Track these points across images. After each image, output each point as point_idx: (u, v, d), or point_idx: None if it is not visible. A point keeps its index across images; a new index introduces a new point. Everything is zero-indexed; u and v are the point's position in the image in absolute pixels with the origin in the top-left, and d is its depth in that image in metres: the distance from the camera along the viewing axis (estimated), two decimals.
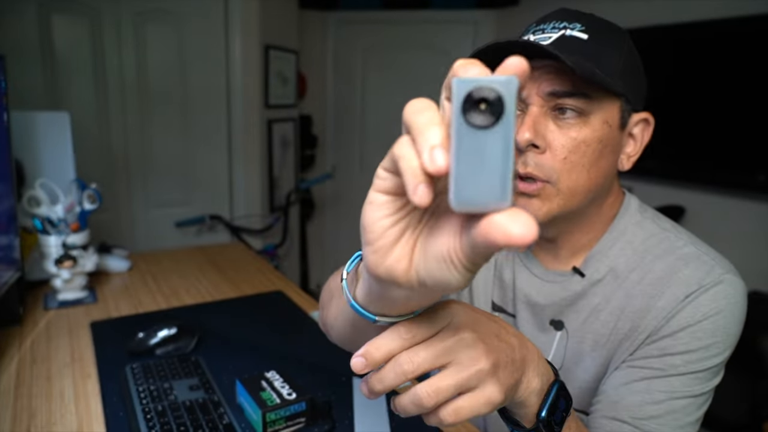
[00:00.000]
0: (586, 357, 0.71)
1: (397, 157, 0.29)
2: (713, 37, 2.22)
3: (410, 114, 0.30)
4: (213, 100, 2.63)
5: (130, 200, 2.50)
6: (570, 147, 0.63)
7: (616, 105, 0.64)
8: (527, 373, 0.46)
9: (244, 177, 2.76)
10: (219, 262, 1.56)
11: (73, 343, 1.04)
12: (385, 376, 0.40)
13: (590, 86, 0.62)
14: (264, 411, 0.74)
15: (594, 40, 0.62)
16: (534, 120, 0.63)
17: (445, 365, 0.40)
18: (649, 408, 0.63)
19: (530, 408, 0.47)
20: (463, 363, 0.40)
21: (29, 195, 1.17)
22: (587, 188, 0.65)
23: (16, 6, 2.07)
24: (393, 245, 0.32)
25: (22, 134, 1.29)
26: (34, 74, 2.15)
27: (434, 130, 0.28)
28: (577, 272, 0.72)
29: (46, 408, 0.83)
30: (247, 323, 1.15)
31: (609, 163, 0.67)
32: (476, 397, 0.40)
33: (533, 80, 0.63)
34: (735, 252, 2.41)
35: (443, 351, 0.40)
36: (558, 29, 0.63)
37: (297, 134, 3.21)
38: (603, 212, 0.72)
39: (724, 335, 0.63)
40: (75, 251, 1.20)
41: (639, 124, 0.69)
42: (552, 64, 0.62)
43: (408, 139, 0.29)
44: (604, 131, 0.64)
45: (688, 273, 0.65)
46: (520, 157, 0.64)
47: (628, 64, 0.65)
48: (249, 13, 2.61)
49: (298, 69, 3.13)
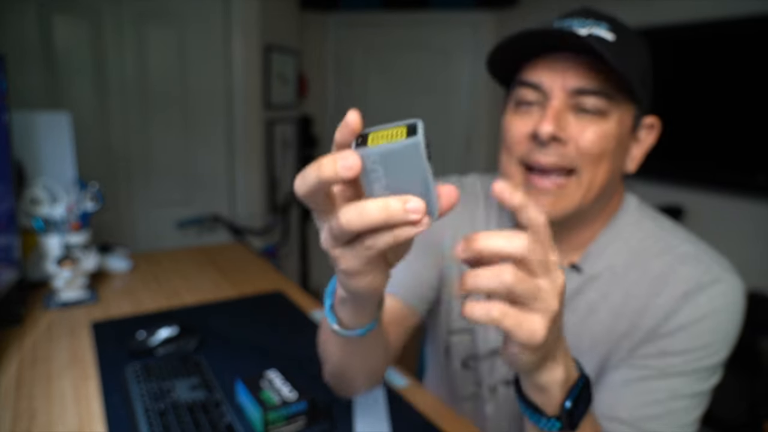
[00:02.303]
0: (584, 355, 0.71)
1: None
2: (713, 37, 2.22)
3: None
4: (214, 101, 2.64)
5: (131, 200, 2.50)
6: (593, 139, 0.62)
7: (631, 108, 0.65)
8: (555, 358, 0.46)
9: (244, 177, 2.77)
10: (219, 262, 1.57)
11: (74, 344, 1.04)
12: (483, 274, 0.39)
13: (614, 87, 0.61)
14: (264, 411, 0.74)
15: (621, 42, 0.62)
16: (556, 113, 0.62)
17: (530, 299, 0.40)
18: (649, 408, 0.62)
19: (552, 397, 0.48)
20: (546, 288, 0.40)
21: (29, 195, 1.18)
22: (602, 183, 0.65)
23: (16, 6, 2.07)
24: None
25: (23, 134, 1.29)
26: (35, 74, 2.15)
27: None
28: (575, 268, 0.72)
29: (47, 408, 0.83)
30: (247, 323, 1.15)
31: (620, 163, 0.68)
32: (526, 317, 0.40)
33: (558, 72, 0.62)
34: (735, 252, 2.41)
35: (536, 287, 0.40)
36: (585, 26, 0.62)
37: (297, 135, 3.21)
38: (605, 211, 0.72)
39: (723, 334, 0.63)
40: (76, 251, 1.20)
41: (645, 128, 0.69)
42: (581, 60, 0.61)
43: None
44: (620, 131, 0.64)
45: (687, 272, 0.65)
46: (542, 149, 0.63)
47: (648, 71, 0.65)
48: (250, 14, 2.61)
49: (299, 70, 3.13)
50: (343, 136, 0.37)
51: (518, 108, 0.67)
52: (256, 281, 1.42)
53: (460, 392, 0.87)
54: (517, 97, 0.67)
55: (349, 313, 0.53)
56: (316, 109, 3.52)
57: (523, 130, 0.65)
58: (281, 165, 3.01)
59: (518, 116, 0.67)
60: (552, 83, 0.63)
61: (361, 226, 0.37)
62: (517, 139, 0.66)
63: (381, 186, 0.37)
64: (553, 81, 0.62)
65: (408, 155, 0.36)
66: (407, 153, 0.36)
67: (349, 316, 0.53)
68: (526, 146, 0.65)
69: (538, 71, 0.64)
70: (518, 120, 0.66)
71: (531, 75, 0.64)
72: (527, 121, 0.65)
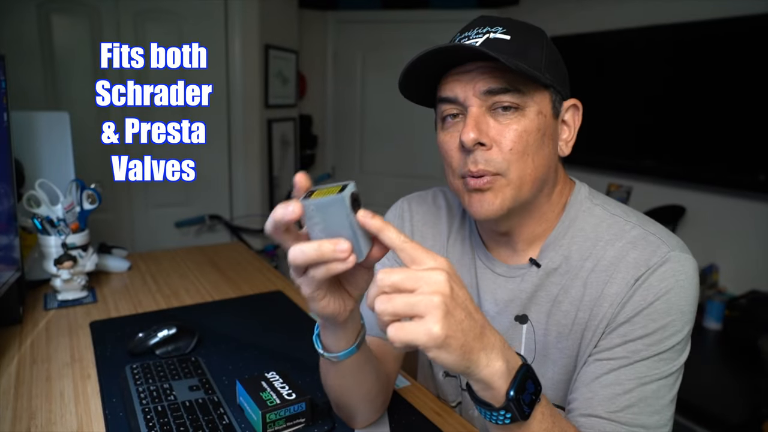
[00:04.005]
0: (552, 349, 0.72)
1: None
2: (713, 37, 2.22)
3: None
4: (213, 100, 2.62)
5: (130, 200, 2.50)
6: (513, 138, 0.66)
7: (546, 96, 0.68)
8: (489, 353, 0.50)
9: (244, 177, 2.76)
10: (219, 262, 1.56)
11: (73, 343, 1.04)
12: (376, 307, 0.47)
13: (522, 81, 0.65)
14: (264, 411, 0.74)
15: (516, 39, 0.66)
16: (476, 120, 0.66)
17: (410, 290, 0.47)
18: (621, 399, 0.63)
19: (498, 390, 0.51)
20: (424, 291, 0.46)
21: (29, 195, 1.17)
22: (534, 176, 0.68)
23: (16, 6, 2.07)
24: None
25: (22, 134, 1.29)
26: (34, 74, 2.15)
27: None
28: (534, 263, 0.74)
29: (46, 408, 0.83)
30: (247, 323, 1.15)
31: (550, 151, 0.70)
32: (419, 325, 0.46)
33: (467, 82, 0.67)
34: (736, 252, 2.42)
35: (414, 276, 0.47)
36: (482, 34, 0.67)
37: (297, 134, 3.21)
38: (553, 201, 0.74)
39: (678, 313, 0.64)
40: (75, 251, 1.19)
41: (569, 110, 0.72)
42: (484, 65, 0.65)
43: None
44: (540, 121, 0.67)
45: (636, 256, 0.67)
46: (469, 156, 0.67)
47: (551, 58, 0.69)
48: (249, 12, 2.61)
49: (298, 69, 3.13)
50: (295, 192, 0.52)
51: (444, 124, 0.71)
52: (255, 281, 1.42)
53: (447, 399, 0.89)
54: (441, 113, 0.72)
55: (330, 338, 0.65)
56: (316, 108, 3.52)
57: (452, 143, 0.70)
58: (280, 164, 3.01)
59: (447, 132, 0.71)
60: (465, 93, 0.67)
61: (303, 261, 0.50)
62: (450, 154, 0.70)
63: (319, 229, 0.50)
64: (466, 91, 0.67)
65: (336, 207, 0.48)
66: (336, 205, 0.48)
67: (330, 340, 0.65)
68: (459, 158, 0.69)
69: (451, 85, 0.68)
70: (447, 135, 0.71)
71: (447, 90, 0.69)
72: (454, 134, 0.69)
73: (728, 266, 2.25)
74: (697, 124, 2.32)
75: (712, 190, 2.31)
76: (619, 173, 2.68)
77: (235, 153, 2.74)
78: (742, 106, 2.15)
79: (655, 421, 0.63)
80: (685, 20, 2.30)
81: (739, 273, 2.21)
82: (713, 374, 1.91)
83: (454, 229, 0.85)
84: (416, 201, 0.90)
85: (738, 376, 1.90)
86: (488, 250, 0.79)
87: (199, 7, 2.52)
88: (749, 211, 2.19)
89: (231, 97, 2.67)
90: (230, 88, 2.66)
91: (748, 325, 1.95)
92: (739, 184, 2.19)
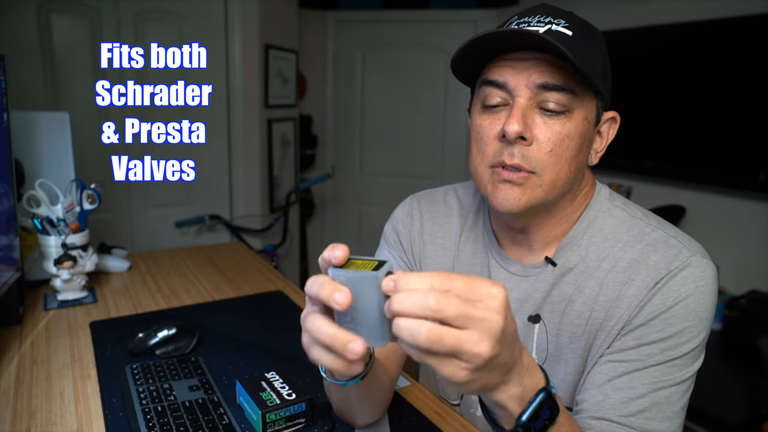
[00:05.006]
0: (565, 349, 0.72)
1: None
2: (713, 36, 2.22)
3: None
4: (213, 100, 2.63)
5: (130, 200, 2.50)
6: (555, 141, 0.64)
7: (594, 103, 0.66)
8: (509, 380, 0.47)
9: (244, 177, 2.76)
10: (219, 262, 1.56)
11: (73, 344, 1.04)
12: (406, 298, 0.41)
13: (577, 82, 0.63)
14: (264, 411, 0.74)
15: (579, 37, 0.63)
16: (523, 112, 0.63)
17: (460, 327, 0.41)
18: (634, 403, 0.63)
19: (510, 412, 0.49)
20: (474, 339, 0.41)
21: (29, 195, 1.17)
22: (566, 181, 0.67)
23: (16, 6, 2.07)
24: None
25: (22, 134, 1.29)
26: (34, 74, 2.14)
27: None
28: (550, 262, 0.73)
29: (46, 408, 0.83)
30: (247, 323, 1.15)
31: (585, 158, 0.69)
32: (468, 334, 0.41)
33: (522, 71, 0.64)
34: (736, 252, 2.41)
35: (468, 316, 0.41)
36: (543, 23, 0.63)
37: (297, 134, 3.21)
38: (575, 204, 0.73)
39: (696, 319, 0.63)
40: (74, 251, 1.19)
41: (607, 122, 0.71)
42: (542, 57, 0.63)
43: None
44: (584, 127, 0.66)
45: (656, 259, 0.66)
46: (507, 148, 0.65)
47: (606, 65, 0.67)
48: (249, 12, 2.61)
49: (298, 69, 3.13)
50: (325, 261, 0.47)
51: (486, 109, 0.68)
52: (255, 281, 1.42)
53: (448, 397, 0.89)
54: (483, 96, 0.68)
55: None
56: (316, 108, 3.52)
57: (491, 131, 0.67)
58: (280, 164, 3.01)
59: (487, 117, 0.68)
60: (516, 81, 0.64)
61: (316, 337, 0.47)
62: (485, 141, 0.68)
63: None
64: (518, 79, 0.64)
65: (368, 284, 0.44)
66: (367, 282, 0.44)
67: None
68: (495, 146, 0.66)
69: (502, 70, 0.65)
70: (487, 121, 0.68)
71: (495, 74, 0.66)
72: (495, 122, 0.67)
73: (728, 266, 2.25)
74: (697, 124, 2.32)
75: (712, 190, 2.31)
76: (619, 173, 2.67)
77: (235, 153, 2.73)
78: (743, 106, 2.15)
79: (666, 427, 0.63)
80: (685, 20, 2.30)
81: (739, 273, 2.21)
82: (713, 374, 1.90)
83: (467, 228, 0.83)
84: (426, 199, 0.89)
85: (738, 376, 1.90)
86: (502, 249, 0.78)
87: (199, 7, 2.52)
88: (749, 211, 2.19)
89: (231, 97, 2.67)
90: (230, 88, 2.66)
91: (748, 325, 1.95)
92: (739, 184, 2.19)
